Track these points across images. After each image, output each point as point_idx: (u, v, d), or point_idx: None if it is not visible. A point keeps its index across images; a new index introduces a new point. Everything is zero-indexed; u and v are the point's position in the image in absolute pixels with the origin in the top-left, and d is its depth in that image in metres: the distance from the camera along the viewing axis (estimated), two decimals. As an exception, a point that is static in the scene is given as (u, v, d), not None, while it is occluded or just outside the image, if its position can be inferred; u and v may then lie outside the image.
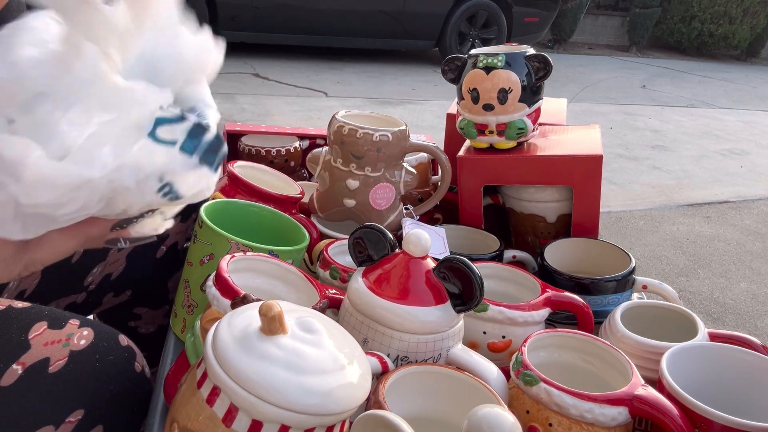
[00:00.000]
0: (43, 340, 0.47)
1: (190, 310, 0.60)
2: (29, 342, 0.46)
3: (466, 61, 0.75)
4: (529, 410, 0.46)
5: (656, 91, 5.21)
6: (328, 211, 0.76)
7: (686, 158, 3.30)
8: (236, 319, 0.36)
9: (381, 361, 0.46)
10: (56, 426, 0.45)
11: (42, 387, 0.45)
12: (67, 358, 0.47)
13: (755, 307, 1.84)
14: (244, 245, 0.58)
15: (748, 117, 4.56)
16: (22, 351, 0.45)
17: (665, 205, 2.60)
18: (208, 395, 0.34)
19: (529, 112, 0.73)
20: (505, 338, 0.58)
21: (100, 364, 0.49)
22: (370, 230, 0.51)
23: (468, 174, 0.77)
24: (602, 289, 0.65)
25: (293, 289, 0.56)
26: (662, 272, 2.00)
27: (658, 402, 0.44)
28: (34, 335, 0.46)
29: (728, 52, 8.23)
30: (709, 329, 0.57)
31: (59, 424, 0.45)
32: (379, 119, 0.78)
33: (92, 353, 0.49)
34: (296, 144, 0.97)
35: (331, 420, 0.34)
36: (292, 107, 3.46)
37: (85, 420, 0.47)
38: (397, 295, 0.48)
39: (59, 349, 0.47)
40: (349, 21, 4.74)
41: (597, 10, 8.05)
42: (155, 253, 0.76)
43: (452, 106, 0.89)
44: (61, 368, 0.46)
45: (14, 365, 0.44)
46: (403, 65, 5.25)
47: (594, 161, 0.72)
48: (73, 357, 0.48)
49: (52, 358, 0.46)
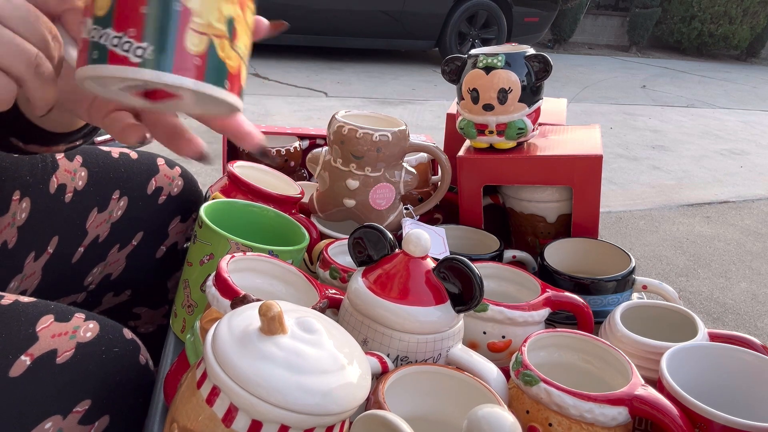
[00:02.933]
0: (50, 332, 0.47)
1: (190, 310, 0.60)
2: (36, 334, 0.46)
3: (466, 61, 0.75)
4: (529, 410, 0.46)
5: (656, 91, 5.22)
6: (328, 211, 0.76)
7: (686, 158, 3.30)
8: (236, 319, 0.36)
9: (381, 361, 0.46)
10: (64, 415, 0.46)
11: (50, 378, 0.46)
12: (74, 349, 0.48)
13: (755, 307, 1.84)
14: (244, 245, 0.58)
15: (748, 117, 4.56)
16: (29, 343, 0.46)
17: (665, 205, 2.60)
18: (208, 395, 0.34)
19: (529, 112, 0.73)
20: (505, 338, 0.58)
21: (106, 356, 0.50)
22: (370, 230, 0.51)
23: (468, 174, 0.77)
24: (602, 289, 0.65)
25: (293, 289, 0.56)
26: (662, 272, 2.00)
27: (658, 402, 0.44)
28: (42, 328, 0.47)
29: (728, 52, 8.23)
30: (709, 329, 0.57)
31: (67, 413, 0.46)
32: (379, 119, 0.78)
33: (98, 345, 0.50)
34: (296, 144, 0.97)
35: (331, 420, 0.34)
36: (292, 107, 3.46)
37: (91, 410, 0.48)
38: (397, 295, 0.48)
39: (66, 341, 0.48)
40: (349, 21, 4.74)
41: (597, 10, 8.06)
42: (155, 253, 0.76)
43: (452, 106, 0.89)
44: (68, 359, 0.47)
45: (22, 356, 0.45)
46: (403, 65, 5.25)
47: (594, 161, 0.72)
48: (80, 348, 0.48)
49: (59, 350, 0.47)
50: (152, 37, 0.29)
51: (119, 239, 0.72)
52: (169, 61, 0.29)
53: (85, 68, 0.30)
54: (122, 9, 0.29)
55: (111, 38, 0.29)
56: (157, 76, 0.29)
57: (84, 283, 0.70)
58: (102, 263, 0.71)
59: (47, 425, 0.44)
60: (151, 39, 0.29)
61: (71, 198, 0.66)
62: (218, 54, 0.31)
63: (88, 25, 0.30)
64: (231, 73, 0.32)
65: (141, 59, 0.29)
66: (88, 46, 0.30)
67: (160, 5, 0.29)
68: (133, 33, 0.29)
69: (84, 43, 0.31)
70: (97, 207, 0.68)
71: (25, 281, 0.63)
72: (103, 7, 0.29)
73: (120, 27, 0.29)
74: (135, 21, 0.29)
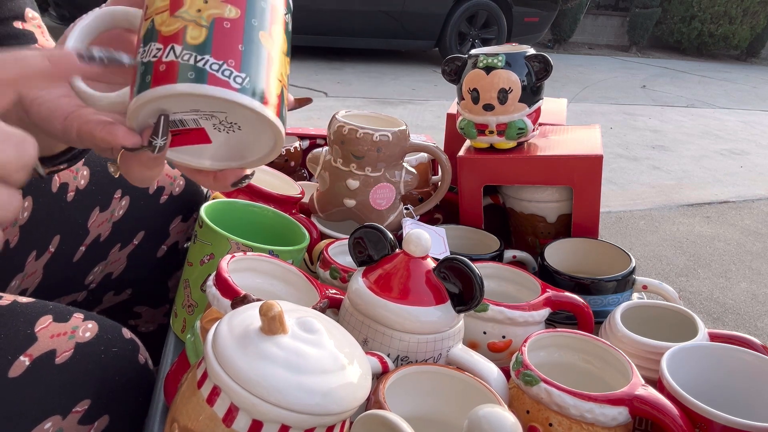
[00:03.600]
0: (49, 332, 0.47)
1: (191, 310, 0.60)
2: (35, 335, 0.47)
3: (466, 61, 0.75)
4: (530, 410, 0.46)
5: (656, 91, 5.22)
6: (328, 211, 0.76)
7: (686, 158, 3.31)
8: (236, 319, 0.36)
9: (381, 361, 0.46)
10: (63, 415, 0.46)
11: (49, 378, 0.46)
12: (73, 349, 0.48)
13: (755, 307, 1.84)
14: (244, 245, 0.58)
15: (748, 117, 4.56)
16: (28, 343, 0.46)
17: (665, 205, 2.60)
18: (209, 395, 0.34)
19: (529, 112, 0.73)
20: (505, 338, 0.58)
21: (105, 356, 0.50)
22: (370, 230, 0.51)
23: (468, 174, 0.77)
24: (602, 289, 0.65)
25: (293, 289, 0.56)
26: (662, 272, 2.00)
27: (659, 402, 0.44)
28: (40, 328, 0.47)
29: (728, 52, 8.23)
30: (709, 329, 0.57)
31: (66, 413, 0.46)
32: (379, 119, 0.78)
33: (97, 345, 0.50)
34: (296, 144, 0.97)
35: (331, 420, 0.34)
36: (292, 107, 3.45)
37: (91, 409, 0.48)
38: (398, 295, 0.48)
39: (65, 341, 0.48)
40: (349, 21, 4.74)
41: (597, 10, 8.06)
42: (156, 252, 0.76)
43: (452, 106, 0.89)
44: (67, 359, 0.47)
45: (21, 357, 0.45)
46: (403, 65, 5.25)
47: (594, 161, 0.72)
48: (79, 349, 0.48)
49: (58, 350, 0.47)
50: (249, 70, 0.33)
51: (120, 238, 0.72)
52: (260, 94, 0.33)
53: (175, 86, 0.32)
54: (220, 41, 0.33)
55: (210, 64, 0.32)
56: (251, 103, 0.33)
57: (85, 282, 0.70)
58: (103, 262, 0.71)
59: (47, 425, 0.44)
60: (248, 71, 0.33)
61: (73, 197, 0.66)
62: (284, 99, 0.36)
63: (175, 49, 0.33)
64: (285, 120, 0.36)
65: (240, 86, 0.33)
66: (180, 67, 0.32)
67: (252, 48, 0.34)
68: (233, 63, 0.33)
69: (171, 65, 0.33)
70: (98, 206, 0.68)
71: (26, 280, 0.63)
72: (197, 37, 0.33)
73: (219, 56, 0.33)
74: (234, 54, 0.33)
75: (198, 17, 0.33)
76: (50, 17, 4.46)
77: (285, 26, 0.36)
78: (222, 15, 0.33)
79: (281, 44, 0.36)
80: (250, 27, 0.34)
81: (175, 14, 0.33)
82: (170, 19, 0.33)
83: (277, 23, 0.35)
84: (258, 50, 0.34)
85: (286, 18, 0.37)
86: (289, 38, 0.37)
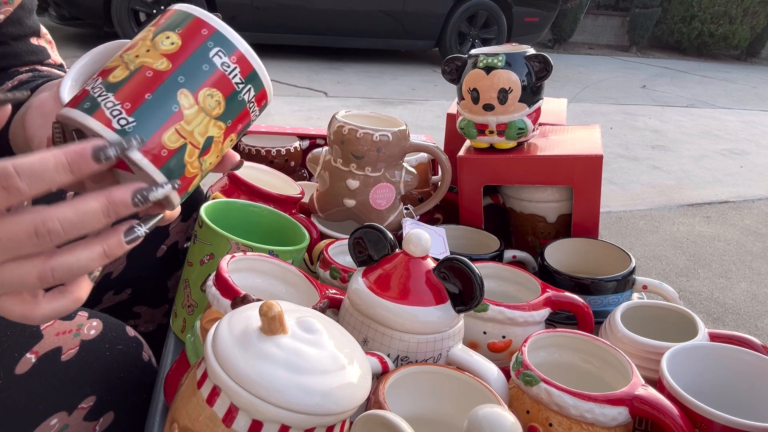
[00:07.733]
0: (55, 330, 0.48)
1: (190, 310, 0.60)
2: (41, 332, 0.47)
3: (466, 61, 0.75)
4: (530, 410, 0.46)
5: (656, 91, 5.22)
6: (328, 211, 0.76)
7: (686, 158, 3.31)
8: (236, 319, 0.36)
9: (381, 361, 0.46)
10: (69, 412, 0.46)
11: (55, 374, 0.46)
12: (79, 347, 0.48)
13: (755, 307, 1.84)
14: (244, 245, 0.58)
15: (748, 117, 4.56)
16: (34, 341, 0.46)
17: (665, 205, 2.60)
18: (209, 395, 0.34)
19: (529, 112, 0.73)
20: (505, 338, 0.58)
21: (110, 353, 0.51)
22: (370, 230, 0.51)
23: (468, 174, 0.77)
24: (602, 289, 0.65)
25: (293, 289, 0.56)
26: (662, 272, 2.00)
27: (659, 402, 0.44)
28: (46, 326, 0.48)
29: (728, 52, 8.23)
30: (709, 329, 0.57)
31: (72, 409, 0.46)
32: (379, 119, 0.78)
33: (102, 342, 0.50)
34: (296, 144, 0.97)
35: (331, 420, 0.34)
36: (292, 107, 3.46)
37: (96, 406, 0.48)
38: (398, 295, 0.48)
39: (70, 339, 0.48)
40: (349, 21, 4.74)
41: (597, 10, 8.06)
42: (156, 252, 0.76)
43: (452, 106, 0.89)
44: (73, 357, 0.48)
45: (28, 354, 0.45)
46: (403, 65, 5.25)
47: (594, 161, 0.72)
48: (84, 346, 0.49)
49: (64, 347, 0.47)
50: (140, 117, 0.34)
51: None
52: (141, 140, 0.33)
53: (71, 110, 0.34)
54: (132, 87, 0.34)
55: (107, 101, 0.34)
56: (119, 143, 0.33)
57: (84, 282, 0.70)
58: (103, 262, 0.71)
59: (53, 421, 0.45)
60: (138, 117, 0.34)
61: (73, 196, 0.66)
62: (185, 158, 0.36)
63: (96, 82, 0.35)
64: (185, 177, 0.36)
65: (120, 128, 0.33)
66: (86, 96, 0.34)
67: (161, 99, 0.34)
68: (128, 106, 0.34)
69: (84, 92, 0.35)
70: None
71: None
72: (118, 77, 0.34)
73: (120, 98, 0.34)
74: (135, 99, 0.34)
75: (130, 61, 0.35)
76: (50, 17, 4.46)
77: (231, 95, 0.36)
78: (151, 65, 0.34)
79: (212, 108, 0.36)
80: (172, 82, 0.34)
81: (121, 55, 0.36)
82: (116, 58, 0.36)
83: (217, 89, 0.36)
84: (166, 104, 0.34)
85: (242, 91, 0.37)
86: (236, 109, 0.37)
